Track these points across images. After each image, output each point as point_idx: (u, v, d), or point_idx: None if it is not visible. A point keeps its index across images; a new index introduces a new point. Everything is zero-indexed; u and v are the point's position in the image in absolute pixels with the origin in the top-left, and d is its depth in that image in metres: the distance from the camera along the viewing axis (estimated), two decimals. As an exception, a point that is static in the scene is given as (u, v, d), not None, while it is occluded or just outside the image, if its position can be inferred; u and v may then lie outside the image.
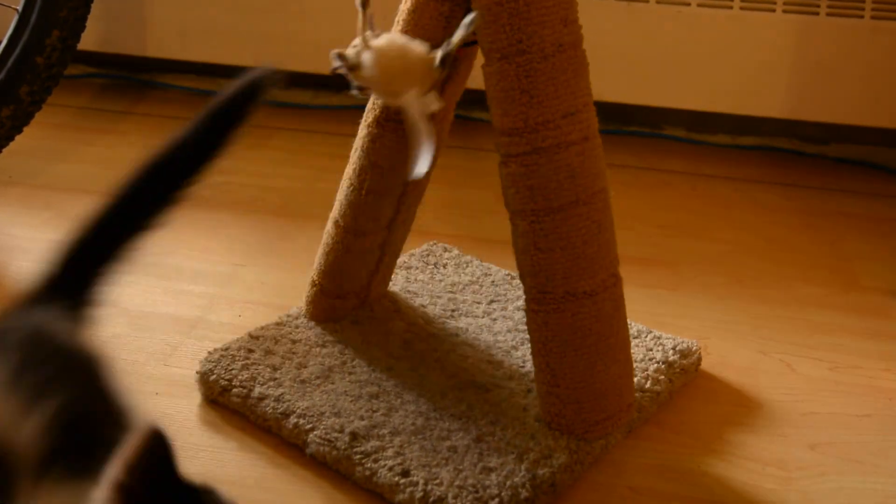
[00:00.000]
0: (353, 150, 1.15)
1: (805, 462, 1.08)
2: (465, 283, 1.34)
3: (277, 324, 1.22)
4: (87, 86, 2.07)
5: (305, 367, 1.14)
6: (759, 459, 1.07)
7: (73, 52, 1.60)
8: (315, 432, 1.04)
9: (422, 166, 0.98)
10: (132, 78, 2.09)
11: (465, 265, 1.38)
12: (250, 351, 1.16)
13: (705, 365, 1.22)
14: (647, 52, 1.79)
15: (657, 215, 1.63)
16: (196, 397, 1.13)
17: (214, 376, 1.12)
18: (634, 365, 1.13)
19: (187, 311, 1.30)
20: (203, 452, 1.05)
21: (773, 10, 1.72)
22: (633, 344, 1.17)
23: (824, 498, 1.02)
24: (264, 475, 1.02)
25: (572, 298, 1.01)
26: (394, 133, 1.09)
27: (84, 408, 0.68)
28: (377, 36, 1.00)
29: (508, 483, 0.97)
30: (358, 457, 1.01)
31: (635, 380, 1.12)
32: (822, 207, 1.69)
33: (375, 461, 1.00)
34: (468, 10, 1.00)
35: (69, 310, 0.77)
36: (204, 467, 1.03)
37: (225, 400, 1.11)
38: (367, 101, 1.12)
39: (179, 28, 1.94)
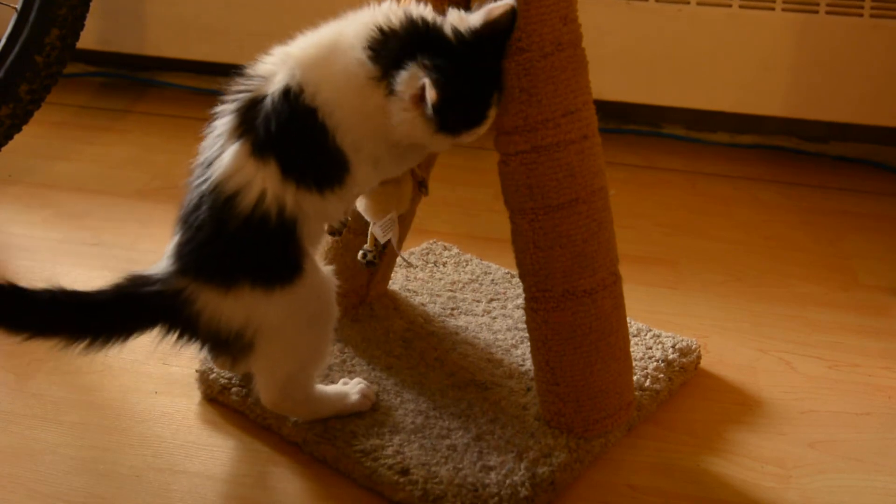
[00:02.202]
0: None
1: (804, 460, 1.08)
2: (464, 282, 1.34)
3: (277, 322, 1.22)
4: (87, 84, 2.07)
5: (305, 365, 1.14)
6: (759, 457, 1.08)
7: (72, 50, 1.60)
8: (314, 430, 1.04)
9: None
10: (131, 76, 2.09)
11: (464, 263, 1.38)
12: (250, 349, 1.16)
13: (705, 363, 1.22)
14: (646, 51, 1.79)
15: (657, 213, 1.63)
16: (196, 396, 1.13)
17: (214, 374, 1.12)
18: (634, 363, 1.13)
19: (187, 310, 1.30)
20: (203, 451, 1.05)
21: (773, 9, 1.72)
22: (632, 342, 1.17)
23: (823, 495, 1.02)
24: (264, 473, 1.02)
25: (572, 297, 1.01)
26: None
27: None
28: None
29: (508, 481, 0.98)
30: (357, 455, 1.01)
31: (635, 378, 1.12)
32: (822, 206, 1.69)
33: (375, 459, 1.00)
34: (467, 10, 1.00)
35: None
36: (203, 465, 1.03)
37: (224, 398, 1.11)
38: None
39: (178, 27, 1.94)
